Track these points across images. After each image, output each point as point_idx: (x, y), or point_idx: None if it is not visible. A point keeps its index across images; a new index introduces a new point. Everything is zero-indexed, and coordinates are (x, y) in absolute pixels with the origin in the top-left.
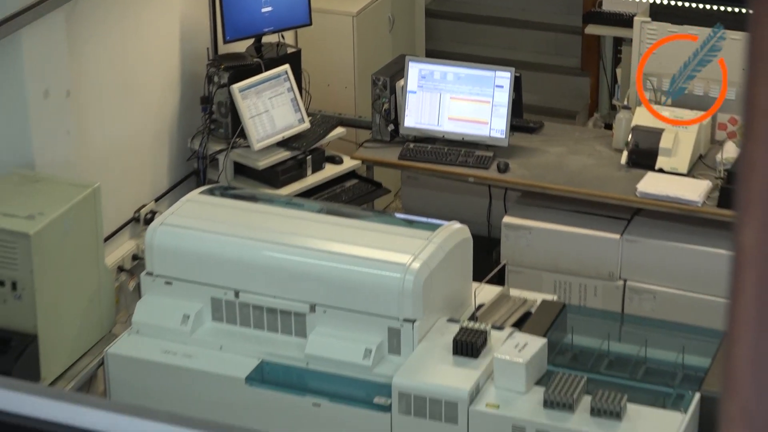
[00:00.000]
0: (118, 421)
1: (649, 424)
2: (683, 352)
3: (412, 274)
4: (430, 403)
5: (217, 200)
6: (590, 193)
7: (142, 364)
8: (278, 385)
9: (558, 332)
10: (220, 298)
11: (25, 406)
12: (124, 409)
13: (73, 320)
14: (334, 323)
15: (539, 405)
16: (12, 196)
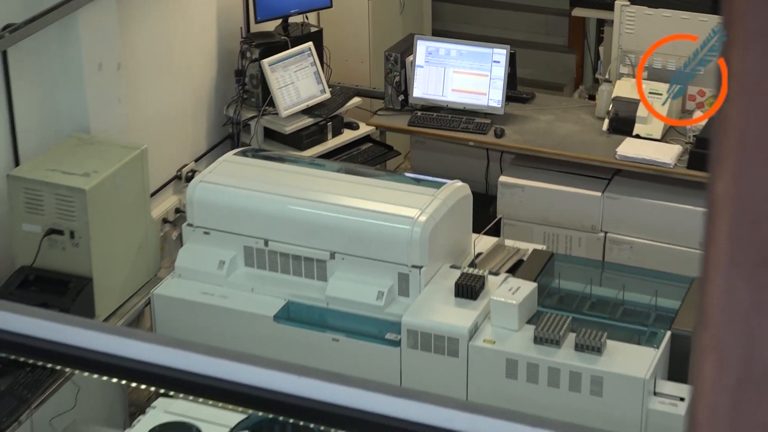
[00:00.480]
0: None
1: (625, 358)
2: (656, 296)
3: (419, 226)
4: (435, 338)
5: (249, 161)
6: (575, 156)
7: (183, 304)
8: (302, 322)
9: (546, 277)
10: (252, 246)
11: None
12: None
13: (123, 265)
14: (351, 269)
15: (530, 341)
16: (70, 156)
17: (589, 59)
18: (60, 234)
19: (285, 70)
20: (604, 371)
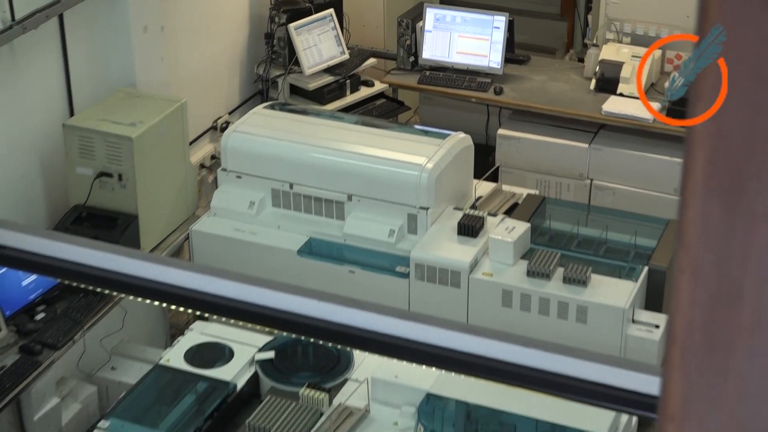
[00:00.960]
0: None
1: (607, 290)
2: (635, 235)
3: (426, 172)
4: (439, 271)
5: (277, 113)
6: (566, 112)
7: (217, 239)
8: (322, 256)
9: (539, 219)
10: (278, 189)
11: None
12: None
13: (165, 204)
14: (366, 209)
15: (523, 274)
16: (119, 108)
17: (579, 26)
18: (109, 176)
19: (309, 33)
20: (589, 301)
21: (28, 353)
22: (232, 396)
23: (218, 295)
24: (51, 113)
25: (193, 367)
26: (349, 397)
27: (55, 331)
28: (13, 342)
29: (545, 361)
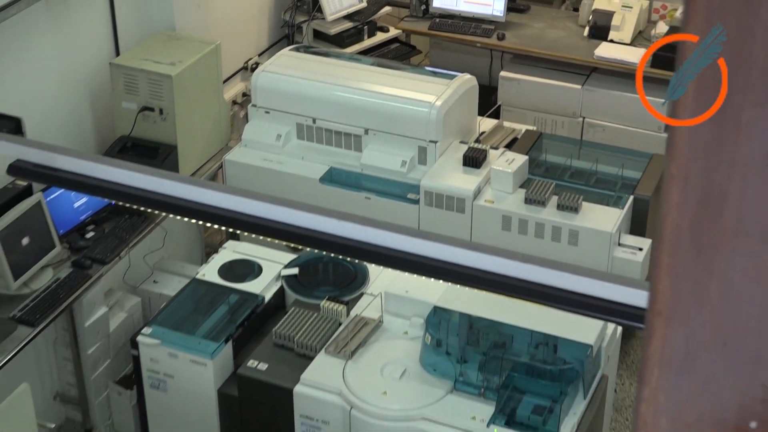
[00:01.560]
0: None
1: (597, 216)
2: (622, 168)
3: (435, 109)
4: (446, 198)
5: (301, 55)
6: (562, 56)
7: (248, 168)
8: (341, 184)
9: (536, 152)
10: (303, 123)
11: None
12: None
13: (201, 136)
14: (381, 142)
15: (521, 201)
16: (160, 49)
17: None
18: (151, 110)
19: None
20: (580, 226)
21: (79, 267)
22: (260, 307)
23: (250, 214)
24: (99, 53)
25: (225, 281)
26: (365, 309)
27: (104, 248)
28: (66, 257)
29: (541, 275)
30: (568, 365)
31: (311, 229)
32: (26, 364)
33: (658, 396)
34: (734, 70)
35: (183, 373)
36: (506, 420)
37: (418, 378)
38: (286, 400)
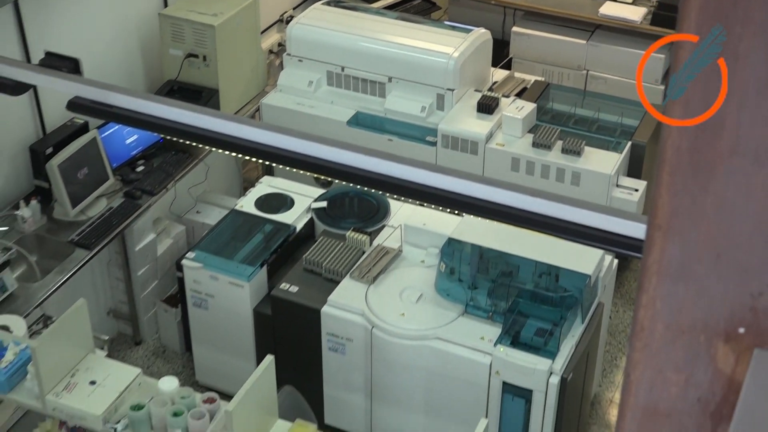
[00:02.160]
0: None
1: (597, 160)
2: (622, 116)
3: (453, 60)
4: (461, 141)
5: (332, 9)
6: (569, 13)
7: (282, 111)
8: (366, 127)
9: (543, 100)
10: (332, 71)
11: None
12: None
13: (241, 81)
14: (403, 89)
15: (529, 145)
16: (204, 1)
17: None
18: (196, 57)
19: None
20: (582, 168)
21: (130, 198)
22: (292, 236)
23: (285, 148)
24: (149, 4)
25: (261, 212)
26: (386, 240)
27: (152, 181)
28: (119, 188)
29: (548, 207)
30: (568, 293)
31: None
32: (83, 283)
33: (656, 303)
34: (733, 3)
35: (222, 294)
36: (511, 341)
37: (433, 302)
38: (314, 319)
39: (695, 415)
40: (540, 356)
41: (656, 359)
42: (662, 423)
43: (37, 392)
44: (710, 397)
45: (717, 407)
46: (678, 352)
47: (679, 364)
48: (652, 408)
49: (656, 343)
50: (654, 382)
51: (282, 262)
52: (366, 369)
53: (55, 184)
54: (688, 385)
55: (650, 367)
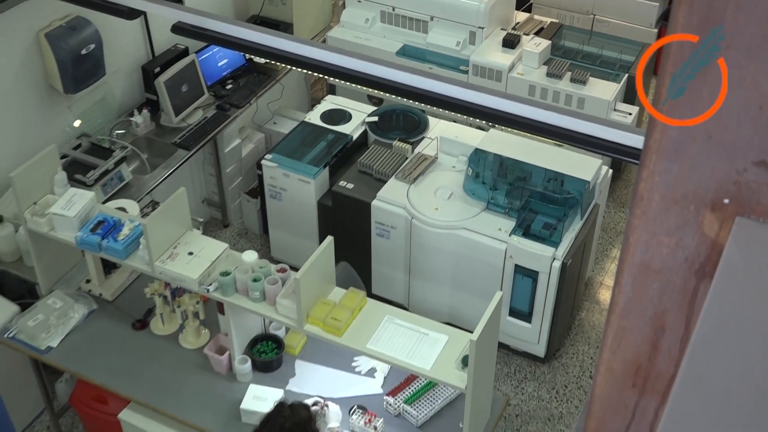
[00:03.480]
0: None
1: (599, 88)
2: (621, 53)
3: (484, 3)
4: (488, 70)
5: None
6: None
7: (344, 43)
8: (411, 57)
9: (557, 38)
10: (385, 11)
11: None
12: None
13: (310, 17)
14: (442, 27)
15: (544, 75)
16: None
17: None
18: None
19: None
20: (586, 95)
21: (221, 110)
22: (349, 144)
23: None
24: None
25: (325, 124)
26: (425, 148)
27: (239, 96)
28: (212, 102)
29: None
30: (570, 195)
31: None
32: (183, 176)
33: (654, 177)
34: None
35: (293, 188)
36: (523, 232)
37: (461, 199)
38: (365, 210)
39: (682, 272)
40: (545, 245)
41: (652, 225)
42: (654, 278)
43: (147, 259)
44: (696, 257)
45: (701, 266)
46: (670, 219)
47: (671, 229)
48: (645, 265)
49: (652, 211)
50: (649, 243)
51: (341, 164)
52: (406, 251)
53: (162, 97)
54: (677, 247)
55: (646, 231)
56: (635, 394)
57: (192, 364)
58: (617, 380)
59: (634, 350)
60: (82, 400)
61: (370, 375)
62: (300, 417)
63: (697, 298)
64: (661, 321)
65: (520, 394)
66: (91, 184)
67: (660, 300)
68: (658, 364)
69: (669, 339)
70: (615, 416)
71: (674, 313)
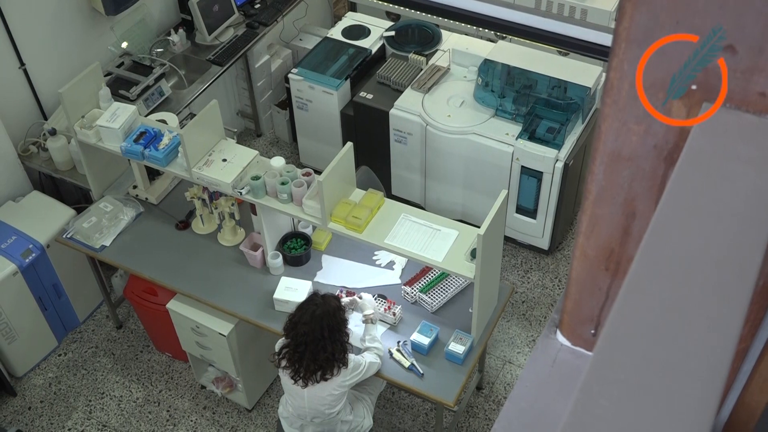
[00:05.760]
0: None
1: None
2: None
3: None
4: None
5: None
6: None
7: None
8: None
9: None
10: None
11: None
12: None
13: None
14: None
15: None
16: None
17: None
18: None
19: None
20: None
21: (250, 28)
22: (369, 57)
23: None
24: None
25: (346, 39)
26: (438, 60)
27: (267, 15)
28: (242, 21)
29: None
30: (572, 101)
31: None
32: (218, 90)
33: (623, 65)
34: None
35: (318, 99)
36: (528, 136)
37: (472, 107)
38: (384, 118)
39: (651, 159)
40: (549, 147)
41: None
42: (624, 165)
43: (185, 166)
44: (664, 144)
45: (669, 153)
46: (639, 107)
47: (640, 117)
48: (616, 153)
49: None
50: (619, 132)
51: (361, 77)
52: (422, 155)
53: (196, 17)
54: (646, 135)
55: (617, 120)
56: (608, 276)
57: (229, 259)
58: (591, 264)
59: (606, 236)
60: (134, 292)
61: (389, 267)
62: (330, 305)
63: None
64: (632, 207)
65: (526, 283)
66: (134, 99)
67: (630, 186)
68: (629, 248)
69: (639, 224)
70: (590, 298)
71: (644, 199)
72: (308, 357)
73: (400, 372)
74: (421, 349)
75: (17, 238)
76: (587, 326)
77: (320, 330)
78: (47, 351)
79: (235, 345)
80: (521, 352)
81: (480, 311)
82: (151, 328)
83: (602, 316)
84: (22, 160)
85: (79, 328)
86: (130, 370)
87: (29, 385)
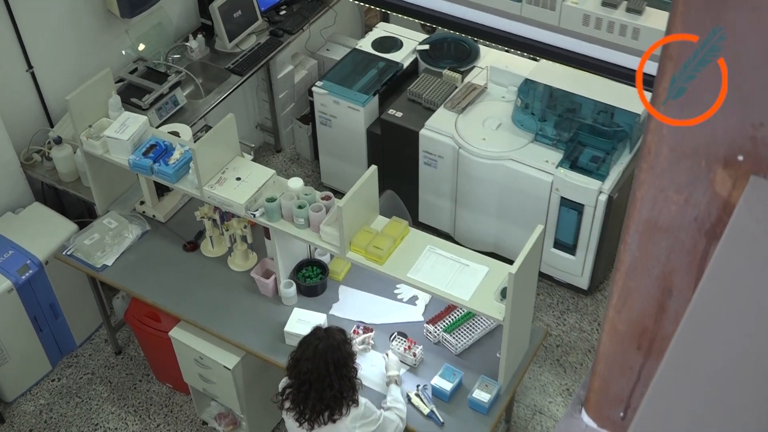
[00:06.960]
0: None
1: (655, 17)
2: None
3: None
4: None
5: None
6: None
7: None
8: None
9: None
10: None
11: None
12: None
13: None
14: None
15: (599, 4)
16: None
17: None
18: None
19: None
20: (641, 25)
21: (274, 36)
22: (400, 71)
23: None
24: None
25: (376, 51)
26: (475, 78)
27: (292, 23)
28: (265, 28)
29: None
30: (620, 128)
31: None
32: (236, 101)
33: (662, 128)
34: None
35: (343, 115)
36: (570, 164)
37: (509, 130)
38: (413, 139)
39: (691, 231)
40: (592, 178)
41: (660, 180)
42: (661, 236)
43: (196, 183)
44: (706, 217)
45: (711, 226)
46: (680, 175)
47: (681, 185)
48: (652, 223)
49: (660, 166)
50: (656, 199)
51: (390, 92)
52: (453, 181)
53: (216, 22)
54: (687, 205)
55: (654, 187)
56: (640, 356)
57: (239, 285)
58: (622, 341)
59: (639, 311)
60: (136, 317)
61: (412, 303)
62: (334, 338)
63: (707, 260)
64: (668, 282)
65: (562, 325)
66: (146, 107)
67: (667, 260)
68: (665, 326)
69: (676, 301)
70: (620, 377)
71: (682, 274)
72: (314, 396)
73: (419, 419)
74: (443, 395)
75: (14, 253)
76: (616, 408)
77: (325, 365)
78: (40, 375)
79: (241, 380)
80: (553, 402)
81: (509, 356)
82: (151, 356)
83: (633, 398)
84: (24, 168)
85: (76, 351)
86: (127, 401)
87: (19, 411)
